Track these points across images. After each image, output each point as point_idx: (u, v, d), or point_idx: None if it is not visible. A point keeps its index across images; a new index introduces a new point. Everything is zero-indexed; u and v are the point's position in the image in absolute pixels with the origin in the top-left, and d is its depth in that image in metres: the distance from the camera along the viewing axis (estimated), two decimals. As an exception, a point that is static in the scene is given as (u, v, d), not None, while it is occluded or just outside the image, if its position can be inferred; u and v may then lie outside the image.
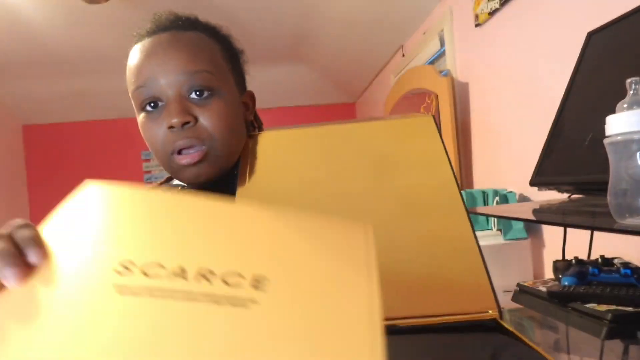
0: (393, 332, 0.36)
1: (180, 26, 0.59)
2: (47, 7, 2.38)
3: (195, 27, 0.60)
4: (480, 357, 0.38)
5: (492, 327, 0.41)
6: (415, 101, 2.32)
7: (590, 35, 0.81)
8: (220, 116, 0.55)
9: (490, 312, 0.40)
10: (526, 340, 0.39)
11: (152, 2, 2.39)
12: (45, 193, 4.07)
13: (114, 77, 3.70)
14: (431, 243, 0.47)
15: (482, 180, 1.81)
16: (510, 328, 0.40)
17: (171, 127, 0.53)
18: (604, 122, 0.49)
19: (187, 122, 0.53)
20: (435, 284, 0.44)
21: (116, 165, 4.14)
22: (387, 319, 0.30)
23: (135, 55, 0.57)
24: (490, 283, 0.42)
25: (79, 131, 4.15)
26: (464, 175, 1.92)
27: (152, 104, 0.55)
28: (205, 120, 0.55)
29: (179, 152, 0.55)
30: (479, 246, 0.44)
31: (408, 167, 0.53)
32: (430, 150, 0.54)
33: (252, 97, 0.66)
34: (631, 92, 0.48)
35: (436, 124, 0.57)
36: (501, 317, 0.41)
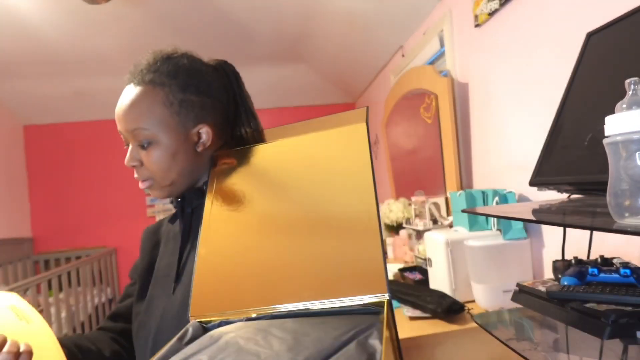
0: (304, 314, 0.51)
1: (136, 80, 0.74)
2: (47, 7, 2.38)
3: (146, 80, 0.73)
4: (336, 335, 0.45)
5: (377, 310, 0.49)
6: (415, 101, 2.32)
7: (590, 36, 0.81)
8: (155, 160, 0.73)
9: (380, 298, 0.49)
10: (387, 326, 0.46)
11: (152, 2, 2.40)
12: (46, 193, 4.07)
13: (114, 77, 3.71)
14: (343, 239, 0.55)
15: (481, 180, 1.81)
16: (386, 313, 0.48)
17: None
18: (603, 122, 0.49)
19: (134, 165, 0.75)
20: (341, 273, 0.53)
21: (116, 165, 4.14)
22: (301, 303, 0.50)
23: None
24: (385, 272, 0.50)
25: (79, 131, 4.15)
26: (463, 175, 1.92)
27: (126, 144, 0.78)
28: (146, 163, 0.74)
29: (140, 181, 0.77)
30: (382, 240, 0.53)
31: (334, 173, 0.62)
32: (357, 158, 0.61)
33: (207, 130, 0.76)
34: (630, 92, 0.48)
35: (367, 129, 0.64)
36: (391, 303, 0.49)
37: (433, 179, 2.15)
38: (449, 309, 1.29)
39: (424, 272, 1.74)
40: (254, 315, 0.54)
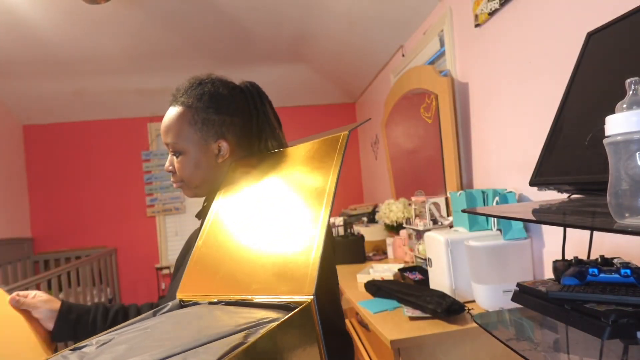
0: (248, 304, 0.60)
1: (174, 102, 0.91)
2: (47, 7, 2.38)
3: (179, 102, 0.90)
4: (244, 322, 0.52)
5: (293, 307, 0.55)
6: (415, 101, 2.32)
7: (590, 35, 0.81)
8: (182, 167, 0.90)
9: (304, 298, 0.55)
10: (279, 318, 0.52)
11: (152, 3, 2.40)
12: (46, 193, 4.07)
13: (114, 77, 3.71)
14: (291, 242, 0.63)
15: (482, 180, 1.81)
16: (302, 314, 0.53)
17: None
18: (603, 122, 0.49)
19: (170, 170, 0.93)
20: (284, 272, 0.60)
21: (116, 165, 4.14)
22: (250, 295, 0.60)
23: None
24: (316, 274, 0.56)
25: (79, 131, 4.15)
26: (464, 175, 1.92)
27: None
28: (177, 169, 0.91)
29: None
30: (321, 245, 0.59)
31: (302, 181, 0.71)
32: (324, 169, 0.69)
33: (225, 145, 0.90)
34: (630, 92, 0.48)
35: (344, 147, 0.71)
36: (314, 303, 0.54)
37: (433, 179, 2.15)
38: (449, 309, 1.29)
39: (424, 272, 1.75)
40: (215, 300, 0.64)
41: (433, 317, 1.33)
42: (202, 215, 0.92)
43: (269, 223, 0.69)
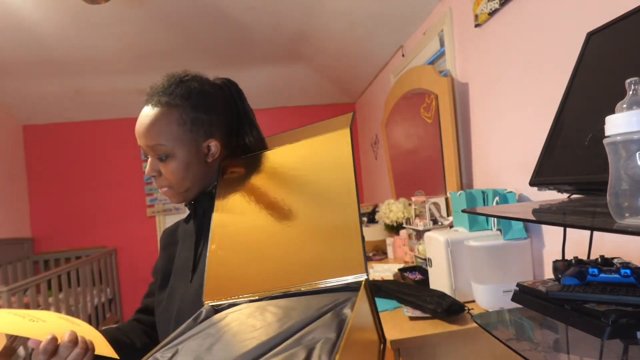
0: (297, 294, 0.61)
1: (153, 102, 0.84)
2: (47, 7, 2.38)
3: (162, 102, 0.83)
4: (318, 307, 0.54)
5: (356, 287, 0.58)
6: (415, 101, 2.32)
7: (590, 36, 0.81)
8: (172, 171, 0.84)
9: (359, 277, 0.58)
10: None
11: (152, 3, 2.40)
12: (46, 193, 4.07)
13: (113, 77, 3.71)
14: (329, 229, 0.65)
15: (482, 180, 1.81)
16: (364, 289, 0.57)
17: None
18: (603, 122, 0.49)
19: (153, 175, 0.86)
20: (328, 259, 0.62)
21: (116, 165, 4.14)
22: (285, 287, 0.62)
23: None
24: (364, 255, 0.59)
25: (78, 131, 4.15)
26: (464, 175, 1.92)
27: (146, 156, 0.88)
28: (165, 173, 0.85)
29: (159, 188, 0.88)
30: (361, 228, 0.62)
31: (322, 176, 0.72)
32: (340, 158, 0.70)
33: (215, 144, 0.87)
34: (630, 92, 0.48)
35: (351, 133, 0.73)
36: (368, 281, 0.58)
37: (433, 179, 2.15)
38: (449, 309, 1.29)
39: (424, 272, 1.74)
40: (256, 297, 0.64)
41: (433, 317, 1.33)
42: (195, 219, 0.89)
43: (296, 218, 0.69)
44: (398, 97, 2.57)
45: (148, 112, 0.84)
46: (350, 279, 0.58)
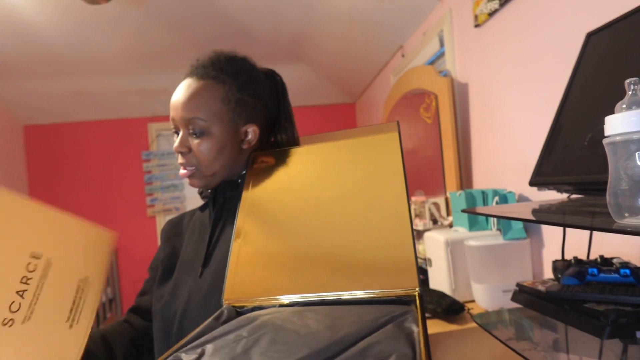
0: (337, 302, 0.55)
1: (199, 74, 0.78)
2: (47, 7, 2.38)
3: (210, 75, 0.78)
4: (371, 318, 0.48)
5: (408, 301, 0.53)
6: (415, 101, 2.32)
7: (590, 36, 0.81)
8: (205, 150, 0.77)
9: (412, 290, 0.53)
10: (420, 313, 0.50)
11: (151, 2, 2.40)
12: (46, 193, 4.07)
13: (114, 78, 3.71)
14: (377, 236, 0.59)
15: (481, 180, 1.81)
16: (417, 303, 0.51)
17: None
18: (603, 122, 0.49)
19: (182, 152, 0.78)
20: (375, 267, 0.57)
21: (116, 165, 4.14)
22: (334, 292, 0.55)
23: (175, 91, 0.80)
24: (417, 268, 0.54)
25: (79, 131, 4.15)
26: (463, 175, 1.92)
27: (176, 132, 0.81)
28: (195, 151, 0.77)
29: (183, 167, 0.80)
30: (414, 239, 0.57)
31: (367, 176, 0.68)
32: (390, 162, 0.67)
33: (254, 130, 0.82)
34: (630, 92, 0.49)
35: (399, 138, 0.70)
36: (421, 295, 0.52)
37: (433, 179, 2.15)
38: (449, 309, 1.29)
39: (424, 272, 1.75)
40: (286, 302, 0.57)
41: (433, 317, 1.33)
42: (213, 208, 0.83)
43: (339, 221, 0.63)
44: (398, 97, 2.57)
45: (191, 84, 0.78)
46: (400, 291, 0.54)
